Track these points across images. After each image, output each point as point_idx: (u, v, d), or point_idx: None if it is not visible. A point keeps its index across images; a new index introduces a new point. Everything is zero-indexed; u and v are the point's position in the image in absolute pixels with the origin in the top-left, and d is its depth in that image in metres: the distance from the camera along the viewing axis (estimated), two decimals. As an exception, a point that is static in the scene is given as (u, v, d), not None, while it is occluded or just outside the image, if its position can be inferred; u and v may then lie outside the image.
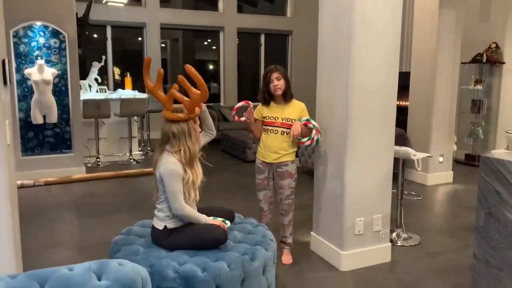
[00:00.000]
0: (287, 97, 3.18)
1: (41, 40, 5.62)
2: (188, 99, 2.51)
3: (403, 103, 6.37)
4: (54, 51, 5.70)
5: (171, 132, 2.48)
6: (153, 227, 2.57)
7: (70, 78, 5.75)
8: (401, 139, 5.69)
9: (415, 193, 5.28)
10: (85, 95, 6.53)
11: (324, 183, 3.37)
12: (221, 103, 10.07)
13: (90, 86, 6.84)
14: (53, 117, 5.70)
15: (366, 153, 3.15)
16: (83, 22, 5.95)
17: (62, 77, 5.78)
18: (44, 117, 5.66)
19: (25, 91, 5.61)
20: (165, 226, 2.51)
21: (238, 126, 7.84)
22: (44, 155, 5.77)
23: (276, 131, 3.18)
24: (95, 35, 9.19)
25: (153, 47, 9.24)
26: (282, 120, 3.17)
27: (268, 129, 3.21)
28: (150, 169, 6.12)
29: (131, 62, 9.63)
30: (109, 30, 8.90)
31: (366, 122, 3.10)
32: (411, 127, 5.90)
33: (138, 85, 8.78)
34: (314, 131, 3.10)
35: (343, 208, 3.18)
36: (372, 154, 3.17)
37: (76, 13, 5.98)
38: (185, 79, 2.51)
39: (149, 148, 7.65)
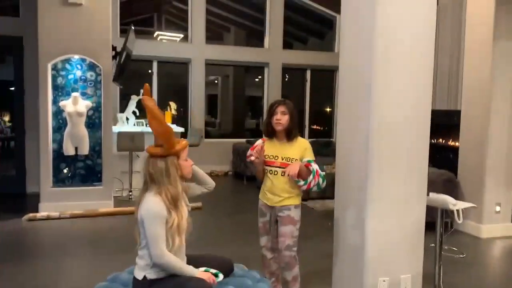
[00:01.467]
0: (290, 136, 2.86)
1: (78, 73, 5.71)
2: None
3: (454, 143, 5.77)
4: (90, 83, 5.77)
5: (147, 171, 2.22)
6: (134, 277, 2.28)
7: (104, 111, 5.76)
8: (450, 185, 5.08)
9: (464, 246, 4.59)
10: (120, 127, 6.54)
11: (343, 233, 2.93)
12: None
13: (127, 119, 6.87)
14: (85, 149, 5.70)
15: (392, 201, 2.69)
16: (122, 56, 5.99)
17: (96, 109, 5.81)
18: (76, 148, 5.68)
19: (60, 123, 5.67)
20: (145, 276, 2.21)
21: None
22: (74, 187, 5.74)
23: (275, 172, 2.84)
24: (130, 68, 9.41)
25: (197, 82, 9.26)
26: (282, 159, 2.83)
27: (268, 169, 2.88)
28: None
29: (175, 96, 9.73)
30: (155, 65, 9.06)
31: (390, 166, 2.66)
32: (462, 171, 5.26)
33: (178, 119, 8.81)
34: (311, 176, 2.74)
35: (363, 265, 2.71)
36: (399, 203, 2.71)
37: (115, 47, 6.06)
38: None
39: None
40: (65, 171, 5.65)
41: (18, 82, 6.59)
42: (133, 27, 6.09)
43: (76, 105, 5.55)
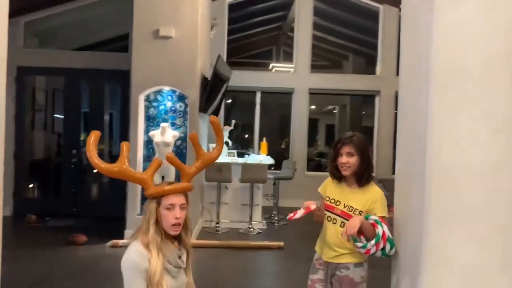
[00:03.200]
0: (361, 181, 2.31)
1: (169, 104, 5.84)
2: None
3: None
4: (179, 114, 5.85)
5: None
6: None
7: (188, 142, 5.76)
8: None
9: None
10: (211, 158, 6.50)
11: (397, 310, 2.24)
12: (373, 174, 8.96)
13: (219, 149, 6.81)
14: (171, 179, 5.73)
15: (461, 272, 1.95)
16: (209, 84, 5.97)
17: (184, 139, 5.85)
18: (162, 178, 5.75)
19: (150, 152, 5.84)
20: None
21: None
22: (159, 216, 5.78)
23: (335, 220, 2.32)
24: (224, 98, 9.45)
25: (299, 112, 8.92)
26: (344, 207, 2.30)
27: (327, 215, 2.37)
28: (262, 243, 5.69)
29: (275, 126, 9.53)
30: (258, 96, 9.00)
31: (458, 226, 1.94)
32: None
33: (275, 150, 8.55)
34: (373, 241, 2.14)
35: None
36: (471, 277, 1.95)
37: (206, 78, 6.09)
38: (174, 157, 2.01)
39: (276, 218, 7.12)
40: None
41: (124, 113, 7.04)
42: (219, 54, 6.05)
43: (164, 135, 5.64)
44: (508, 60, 1.94)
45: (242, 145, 10.20)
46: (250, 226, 6.39)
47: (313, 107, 15.71)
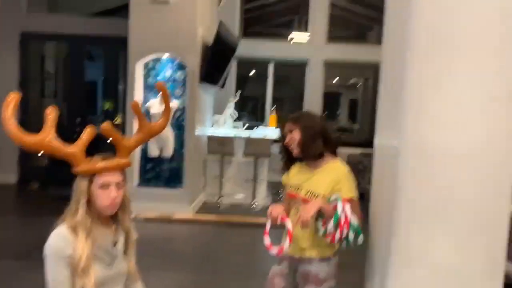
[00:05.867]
0: (309, 154, 1.99)
1: (168, 73, 5.58)
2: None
3: None
4: (180, 84, 5.59)
5: None
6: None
7: (188, 112, 5.51)
8: None
9: None
10: (214, 130, 6.26)
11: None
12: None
13: (224, 121, 6.56)
14: (169, 151, 5.54)
15: (435, 274, 1.65)
16: (210, 53, 5.65)
17: (184, 111, 5.60)
18: (161, 150, 5.56)
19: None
20: None
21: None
22: (157, 188, 5.63)
23: (297, 209, 2.00)
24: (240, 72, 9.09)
25: (314, 83, 8.50)
26: (306, 193, 1.99)
27: (291, 203, 2.08)
28: (265, 219, 5.39)
29: (290, 99, 9.17)
30: (271, 67, 8.62)
31: (431, 217, 1.63)
32: None
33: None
34: (331, 223, 1.78)
35: None
36: (448, 281, 1.65)
37: (209, 47, 5.78)
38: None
39: (281, 194, 6.87)
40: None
41: (124, 81, 6.82)
42: (221, 21, 5.69)
43: (162, 105, 5.39)
44: (504, 27, 1.58)
45: (260, 117, 9.91)
46: (253, 201, 6.17)
47: (335, 80, 15.18)
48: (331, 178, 1.94)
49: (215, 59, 5.72)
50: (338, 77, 15.05)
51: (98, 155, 1.75)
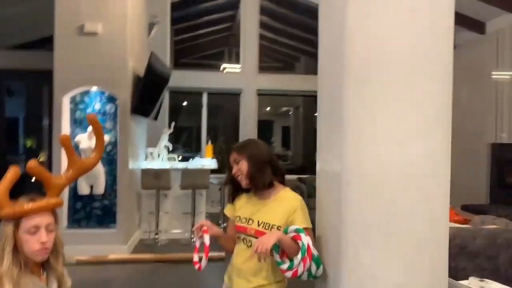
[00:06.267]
0: (258, 185, 1.92)
1: (97, 106, 5.36)
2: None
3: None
4: (110, 117, 5.38)
5: None
6: None
7: (120, 146, 5.29)
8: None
9: None
10: (148, 164, 6.06)
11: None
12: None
13: (159, 154, 6.38)
14: (100, 188, 5.25)
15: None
16: (142, 82, 5.52)
17: (115, 145, 5.37)
18: (92, 187, 5.26)
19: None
20: None
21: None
22: (88, 229, 5.29)
23: (249, 242, 1.91)
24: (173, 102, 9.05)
25: (248, 112, 8.60)
26: (259, 225, 1.90)
27: (240, 237, 1.97)
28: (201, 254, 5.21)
29: (225, 130, 9.20)
30: (205, 97, 8.62)
31: (381, 246, 1.64)
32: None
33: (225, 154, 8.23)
34: (299, 256, 1.72)
35: None
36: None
37: (140, 78, 5.65)
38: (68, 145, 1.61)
39: (222, 226, 6.74)
40: None
41: (50, 116, 6.46)
42: (152, 51, 5.62)
43: (91, 140, 5.15)
44: (434, 50, 1.67)
45: (195, 149, 9.80)
46: (192, 236, 5.98)
47: (268, 109, 15.52)
48: (284, 208, 1.89)
49: (147, 91, 5.60)
50: (269, 106, 15.42)
51: (24, 197, 1.60)
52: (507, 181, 6.67)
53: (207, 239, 1.84)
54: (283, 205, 1.90)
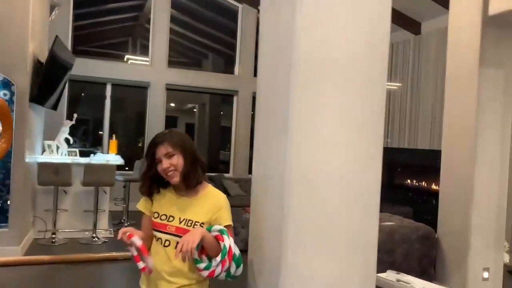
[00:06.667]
0: (192, 183, 1.84)
1: (-11, 92, 4.77)
2: None
3: (435, 187, 4.88)
4: (4, 104, 4.82)
5: None
6: None
7: (15, 137, 4.76)
8: (427, 243, 4.15)
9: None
10: (46, 157, 5.57)
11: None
12: (230, 174, 8.88)
13: (58, 147, 5.89)
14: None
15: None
16: (44, 70, 5.05)
17: (10, 135, 4.82)
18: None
19: (-38, 150, 4.68)
20: None
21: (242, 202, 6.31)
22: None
23: (167, 242, 1.82)
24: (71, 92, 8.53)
25: (156, 107, 8.34)
26: (180, 223, 1.81)
27: (157, 236, 1.86)
28: (108, 254, 5.00)
29: (131, 123, 8.83)
30: (109, 88, 8.16)
31: (317, 240, 1.72)
32: (443, 226, 4.32)
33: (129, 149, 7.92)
34: (219, 257, 1.71)
35: None
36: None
37: (42, 63, 5.16)
38: None
39: (126, 224, 6.46)
40: None
41: None
42: (57, 36, 5.16)
43: (-11, 128, 4.57)
44: (371, 58, 1.79)
45: (93, 143, 9.21)
46: (94, 235, 5.64)
47: (172, 104, 15.19)
48: (210, 205, 1.83)
49: (49, 77, 5.13)
50: (174, 102, 15.11)
51: None
52: (395, 182, 7.41)
53: (137, 241, 1.73)
54: (209, 202, 1.84)
